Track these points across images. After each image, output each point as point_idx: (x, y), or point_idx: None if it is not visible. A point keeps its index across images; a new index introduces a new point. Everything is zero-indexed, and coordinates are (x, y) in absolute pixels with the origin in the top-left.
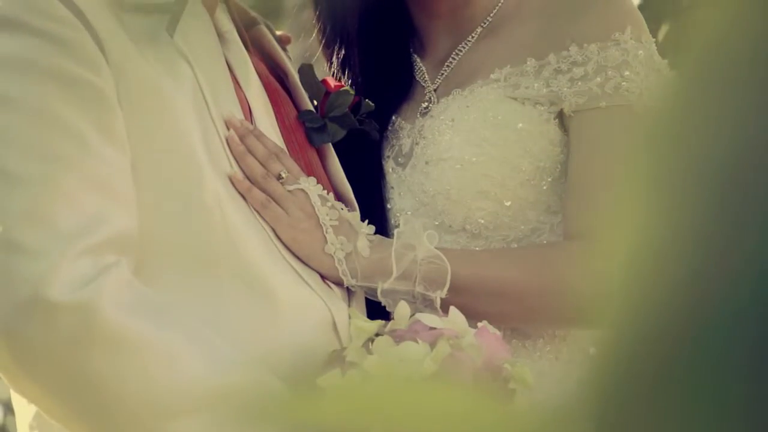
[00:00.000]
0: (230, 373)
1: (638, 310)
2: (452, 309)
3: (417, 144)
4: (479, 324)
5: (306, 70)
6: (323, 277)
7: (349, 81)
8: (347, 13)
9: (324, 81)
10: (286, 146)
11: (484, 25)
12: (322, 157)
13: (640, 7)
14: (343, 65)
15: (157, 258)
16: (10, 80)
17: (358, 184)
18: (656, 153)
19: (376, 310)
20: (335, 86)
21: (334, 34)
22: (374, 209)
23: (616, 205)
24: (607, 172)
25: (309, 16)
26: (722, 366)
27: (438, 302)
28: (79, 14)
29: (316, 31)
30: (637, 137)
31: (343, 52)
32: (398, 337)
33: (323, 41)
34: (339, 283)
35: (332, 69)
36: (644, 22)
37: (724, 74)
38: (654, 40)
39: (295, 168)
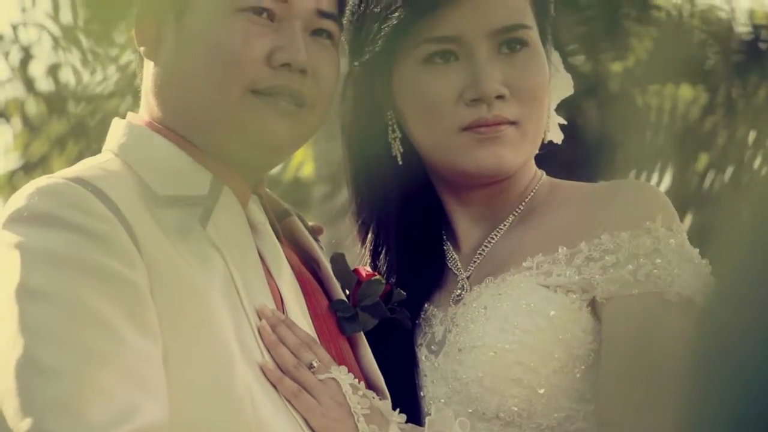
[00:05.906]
0: None
1: None
2: None
3: (450, 332)
4: None
5: (338, 260)
6: None
7: (382, 266)
8: (383, 203)
9: (356, 270)
10: (318, 335)
11: (516, 214)
12: (353, 345)
13: (667, 195)
14: (375, 252)
15: None
16: (45, 274)
17: (390, 372)
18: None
19: None
20: (367, 275)
21: (369, 223)
22: (406, 397)
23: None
24: (640, 360)
25: (337, 204)
26: None
27: None
28: (114, 210)
29: (349, 216)
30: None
31: (376, 239)
32: None
33: (357, 227)
34: None
35: (363, 253)
36: (675, 211)
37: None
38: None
39: (327, 357)
